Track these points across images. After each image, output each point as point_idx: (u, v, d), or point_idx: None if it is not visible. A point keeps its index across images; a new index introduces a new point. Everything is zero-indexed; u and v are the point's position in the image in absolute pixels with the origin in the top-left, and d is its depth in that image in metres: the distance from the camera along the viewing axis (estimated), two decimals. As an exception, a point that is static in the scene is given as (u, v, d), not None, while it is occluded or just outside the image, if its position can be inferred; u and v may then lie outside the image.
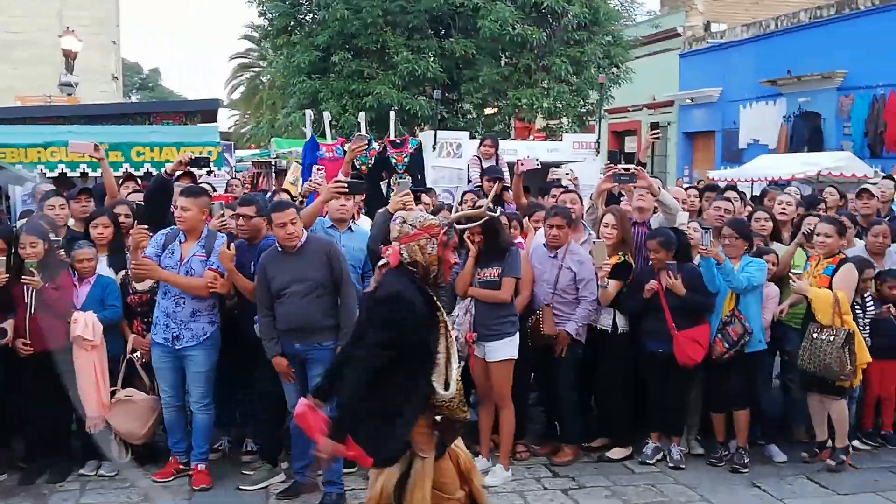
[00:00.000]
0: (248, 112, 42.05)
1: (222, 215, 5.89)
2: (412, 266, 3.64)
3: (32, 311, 5.54)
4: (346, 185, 5.87)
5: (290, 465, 5.58)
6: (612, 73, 18.25)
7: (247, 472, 5.79)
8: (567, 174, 8.96)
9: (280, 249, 5.24)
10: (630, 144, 26.00)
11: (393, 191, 7.99)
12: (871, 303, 6.31)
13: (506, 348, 5.68)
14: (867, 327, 6.24)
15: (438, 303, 3.74)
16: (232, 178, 11.17)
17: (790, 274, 6.02)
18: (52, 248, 5.73)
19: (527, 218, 6.83)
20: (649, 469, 6.02)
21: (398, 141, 9.26)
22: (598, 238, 6.22)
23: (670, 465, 6.02)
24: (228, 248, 5.40)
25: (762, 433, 6.38)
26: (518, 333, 5.74)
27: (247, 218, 5.84)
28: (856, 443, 6.34)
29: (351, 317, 5.07)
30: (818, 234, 6.11)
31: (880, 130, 17.76)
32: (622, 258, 6.09)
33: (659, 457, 6.14)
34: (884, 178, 10.04)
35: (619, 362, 6.17)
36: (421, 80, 16.54)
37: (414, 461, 3.65)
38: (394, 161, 8.96)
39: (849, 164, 13.26)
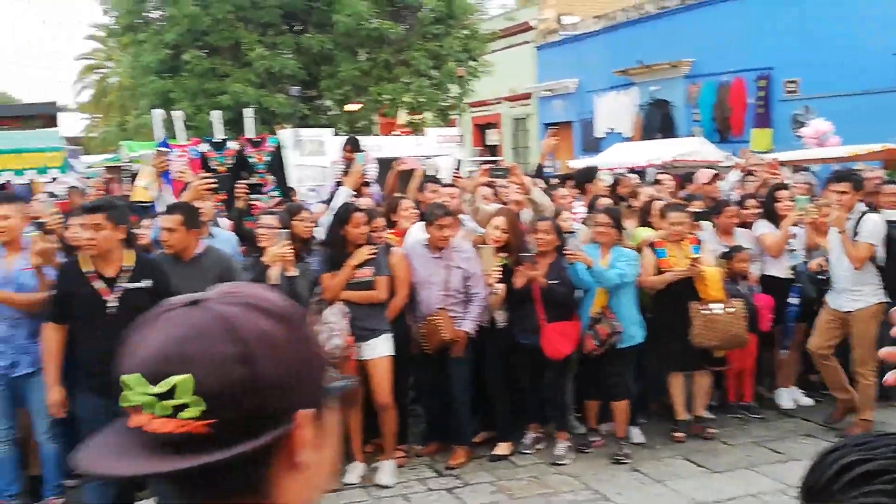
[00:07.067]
0: (99, 115, 39.96)
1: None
2: None
3: None
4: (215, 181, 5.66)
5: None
6: (471, 66, 18.34)
7: None
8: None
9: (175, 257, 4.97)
10: (492, 137, 26.27)
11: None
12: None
13: (383, 345, 5.58)
14: None
15: None
16: (72, 185, 10.46)
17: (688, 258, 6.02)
18: None
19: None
20: (532, 461, 5.97)
21: (256, 139, 8.86)
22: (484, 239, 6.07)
23: (551, 461, 5.93)
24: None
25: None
26: (391, 331, 5.64)
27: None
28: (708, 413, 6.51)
29: None
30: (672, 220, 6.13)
31: (726, 116, 18.61)
32: (503, 261, 5.93)
33: (540, 446, 6.10)
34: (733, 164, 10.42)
35: (499, 357, 6.07)
36: (278, 78, 16.10)
37: None
38: (253, 160, 8.57)
39: (700, 150, 13.80)
